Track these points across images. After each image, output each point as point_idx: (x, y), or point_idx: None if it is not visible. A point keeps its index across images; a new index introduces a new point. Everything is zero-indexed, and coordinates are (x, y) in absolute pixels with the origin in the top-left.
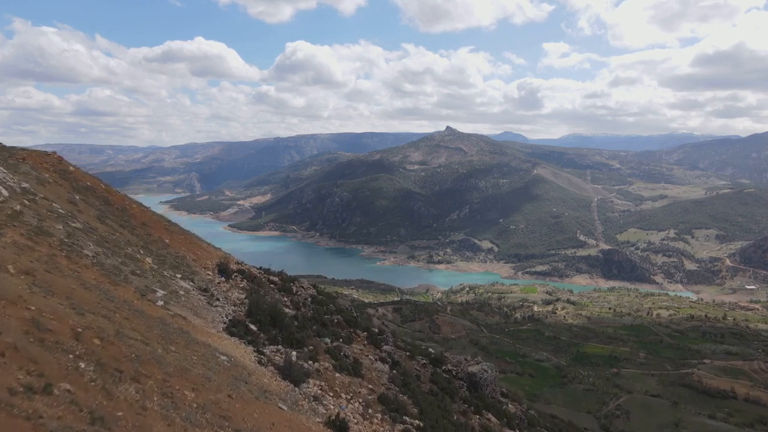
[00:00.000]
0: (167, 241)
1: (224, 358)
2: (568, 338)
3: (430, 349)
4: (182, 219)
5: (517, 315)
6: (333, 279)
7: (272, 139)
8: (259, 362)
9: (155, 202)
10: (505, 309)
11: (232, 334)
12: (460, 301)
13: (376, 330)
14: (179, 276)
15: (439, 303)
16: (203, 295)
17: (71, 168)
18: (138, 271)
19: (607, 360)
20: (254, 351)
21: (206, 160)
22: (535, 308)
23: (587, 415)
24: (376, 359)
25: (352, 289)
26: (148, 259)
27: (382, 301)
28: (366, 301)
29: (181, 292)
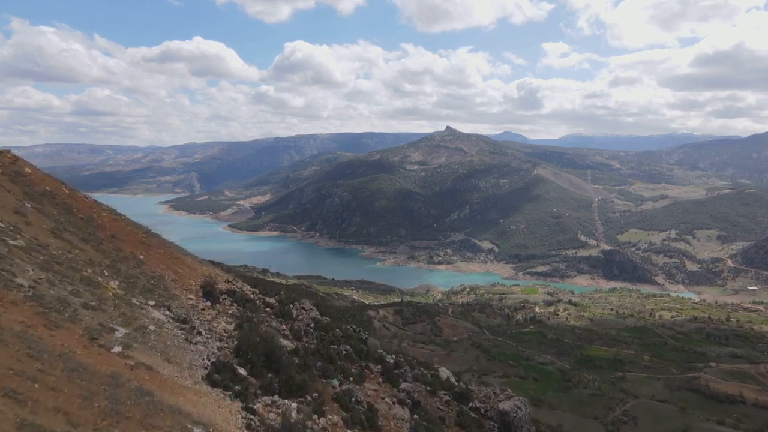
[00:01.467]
0: (141, 257)
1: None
2: (571, 340)
3: (449, 376)
4: (182, 219)
5: (519, 316)
6: (333, 279)
7: (272, 139)
8: (249, 427)
9: (155, 202)
10: (507, 310)
11: (214, 384)
12: (461, 302)
13: (392, 362)
14: (152, 303)
15: (440, 304)
16: (181, 329)
17: (27, 169)
18: (94, 303)
19: (611, 363)
20: (242, 408)
21: (206, 160)
22: (537, 309)
23: (594, 421)
24: (393, 402)
25: (352, 289)
26: (113, 283)
27: (382, 302)
28: (366, 302)
29: (152, 328)
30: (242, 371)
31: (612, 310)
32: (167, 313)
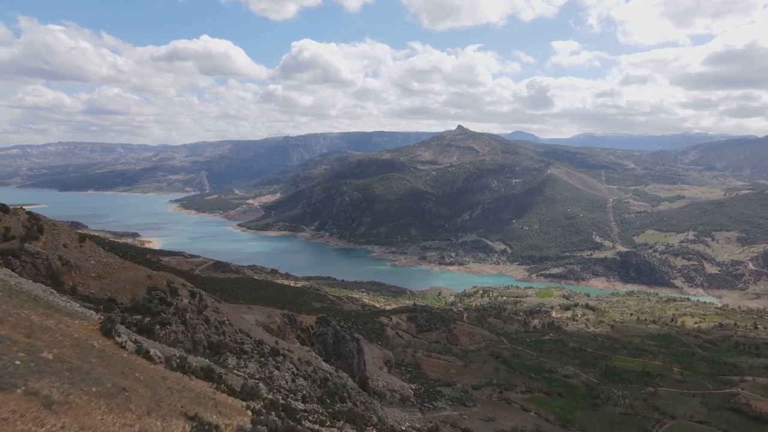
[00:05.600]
0: None
1: None
2: (594, 350)
3: None
4: (191, 218)
5: (536, 322)
6: (343, 281)
7: (281, 138)
8: None
9: (165, 201)
10: (522, 315)
11: None
12: (474, 305)
13: None
14: None
15: (454, 309)
16: None
17: None
18: None
19: (639, 376)
20: None
21: (216, 158)
22: (553, 314)
23: None
24: None
25: (363, 291)
26: None
27: (393, 304)
28: (377, 305)
29: None
30: None
31: (632, 315)
32: None
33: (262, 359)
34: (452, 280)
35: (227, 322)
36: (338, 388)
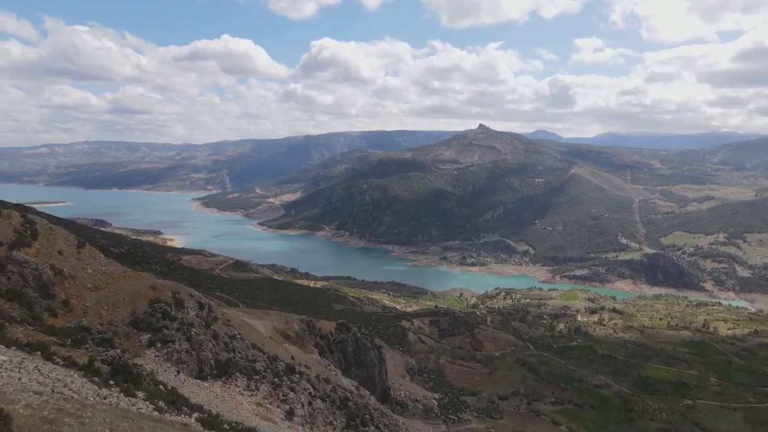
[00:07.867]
0: None
1: None
2: (625, 357)
3: None
4: (213, 216)
5: (561, 326)
6: (363, 281)
7: (302, 137)
8: None
9: (187, 199)
10: (547, 318)
11: None
12: (496, 307)
13: None
14: None
15: (477, 312)
16: None
17: None
18: None
19: (675, 386)
20: None
21: (237, 157)
22: (579, 318)
23: None
24: None
25: (383, 292)
26: None
27: (414, 306)
28: (398, 307)
29: None
30: None
31: (661, 319)
32: None
33: (276, 379)
34: (473, 281)
35: (238, 336)
36: (359, 409)
